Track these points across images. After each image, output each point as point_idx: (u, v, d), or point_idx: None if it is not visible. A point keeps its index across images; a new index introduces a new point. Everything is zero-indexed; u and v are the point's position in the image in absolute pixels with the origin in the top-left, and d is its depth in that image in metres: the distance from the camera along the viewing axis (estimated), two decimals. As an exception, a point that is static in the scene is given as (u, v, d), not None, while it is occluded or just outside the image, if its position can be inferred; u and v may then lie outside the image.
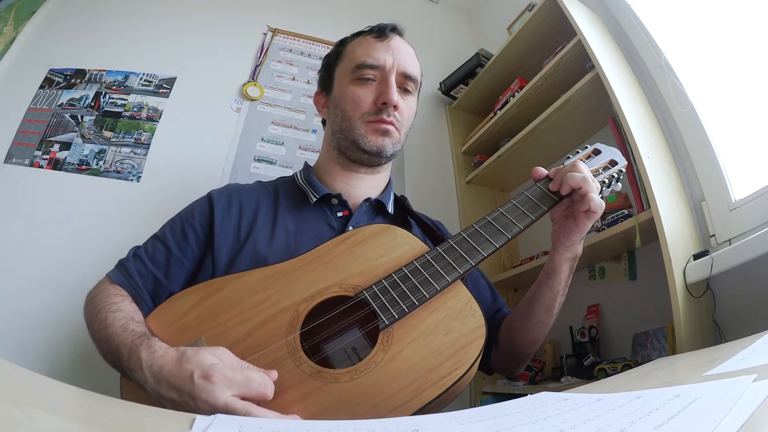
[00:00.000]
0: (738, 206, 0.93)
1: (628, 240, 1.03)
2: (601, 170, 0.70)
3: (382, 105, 0.73)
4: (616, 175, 0.70)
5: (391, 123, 0.74)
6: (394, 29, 0.81)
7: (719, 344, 0.76)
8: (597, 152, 0.73)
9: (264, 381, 0.42)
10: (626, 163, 0.72)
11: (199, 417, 0.27)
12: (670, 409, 0.27)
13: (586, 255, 1.23)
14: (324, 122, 0.86)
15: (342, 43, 0.83)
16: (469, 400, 1.40)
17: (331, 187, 0.77)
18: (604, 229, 1.07)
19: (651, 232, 0.89)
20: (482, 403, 1.30)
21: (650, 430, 0.24)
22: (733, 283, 0.83)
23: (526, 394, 0.42)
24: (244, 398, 0.41)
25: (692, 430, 0.24)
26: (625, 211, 1.04)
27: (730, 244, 0.90)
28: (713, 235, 0.96)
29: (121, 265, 0.67)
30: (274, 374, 0.45)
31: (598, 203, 0.59)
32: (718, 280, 0.82)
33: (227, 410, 0.39)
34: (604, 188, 0.69)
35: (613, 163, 0.71)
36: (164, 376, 0.43)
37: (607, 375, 0.99)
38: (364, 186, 0.78)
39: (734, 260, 0.77)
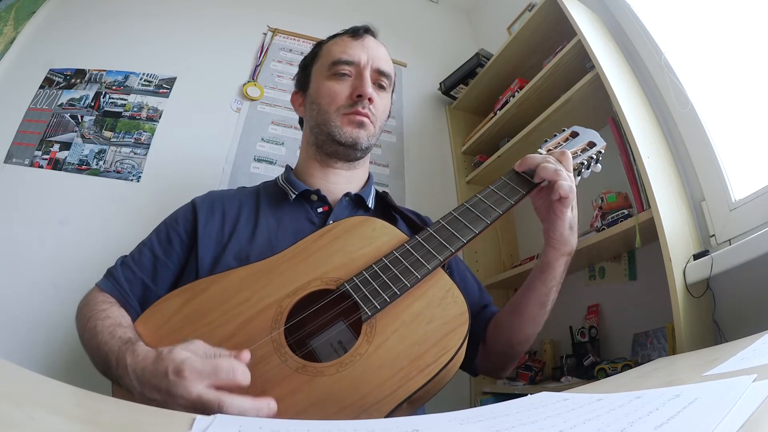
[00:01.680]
0: (738, 206, 0.93)
1: (628, 240, 1.03)
2: (579, 152, 0.70)
3: (357, 98, 0.75)
4: (595, 156, 0.70)
5: (365, 115, 0.76)
6: (368, 30, 0.84)
7: (719, 344, 0.76)
8: (575, 135, 0.73)
9: (232, 368, 0.42)
10: (605, 144, 0.72)
11: (199, 417, 0.27)
12: (670, 409, 0.27)
13: (586, 255, 1.24)
14: (301, 122, 0.88)
15: (318, 45, 0.87)
16: (469, 400, 1.40)
17: (310, 184, 0.79)
18: (604, 229, 1.07)
19: (651, 232, 0.89)
20: (482, 403, 1.30)
21: (650, 430, 0.24)
22: (733, 283, 0.83)
23: (526, 394, 0.42)
24: (218, 387, 0.41)
25: (692, 430, 0.24)
26: (625, 211, 1.04)
27: (730, 244, 0.90)
28: (713, 235, 0.96)
29: (110, 273, 0.68)
30: (245, 356, 0.44)
31: (567, 188, 0.59)
32: (718, 280, 0.82)
33: (201, 402, 0.39)
34: (583, 169, 0.69)
35: (592, 144, 0.71)
36: (146, 378, 0.43)
37: (607, 375, 0.99)
38: (342, 182, 0.80)
39: (734, 260, 0.77)
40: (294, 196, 0.76)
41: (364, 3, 1.89)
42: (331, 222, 0.70)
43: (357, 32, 0.82)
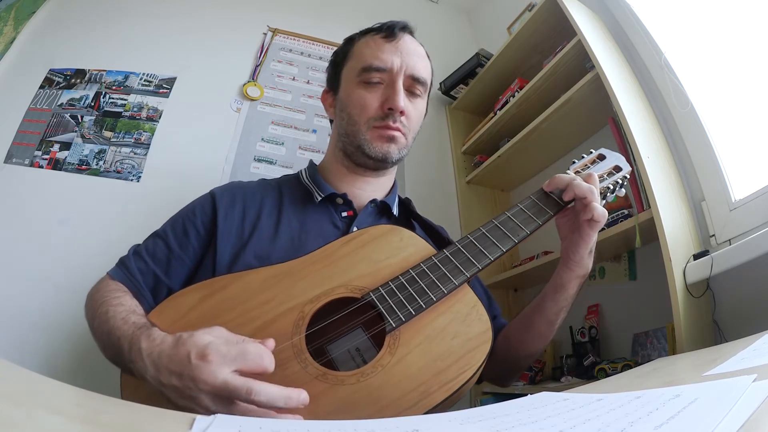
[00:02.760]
0: (738, 206, 0.93)
1: (628, 240, 1.03)
2: (605, 176, 0.70)
3: (389, 110, 0.71)
4: (620, 181, 0.70)
5: (397, 129, 0.72)
6: (404, 28, 0.77)
7: (719, 344, 0.76)
8: (602, 157, 0.73)
9: (259, 352, 0.41)
10: (630, 169, 0.72)
11: (199, 417, 0.27)
12: (670, 409, 0.27)
13: (586, 255, 1.23)
14: (332, 121, 0.84)
15: (350, 41, 0.81)
16: (469, 400, 1.40)
17: (336, 187, 0.76)
18: (604, 229, 1.06)
19: (651, 232, 0.89)
20: (482, 403, 1.30)
21: (650, 430, 0.24)
22: (733, 283, 0.83)
23: (526, 394, 0.42)
24: (243, 373, 0.40)
25: (692, 430, 0.24)
26: (625, 211, 1.04)
27: (730, 244, 0.90)
28: (713, 235, 0.96)
29: (122, 263, 0.66)
30: (271, 343, 0.44)
31: (600, 212, 0.59)
32: (718, 280, 0.82)
33: (227, 387, 0.38)
34: (608, 194, 0.69)
35: (618, 168, 0.71)
36: (163, 362, 0.42)
37: (607, 375, 0.99)
38: (369, 188, 0.78)
39: (734, 260, 0.77)
40: (320, 198, 0.74)
41: (364, 3, 1.89)
42: (355, 228, 0.70)
43: (392, 32, 0.75)
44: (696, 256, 0.85)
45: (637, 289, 1.14)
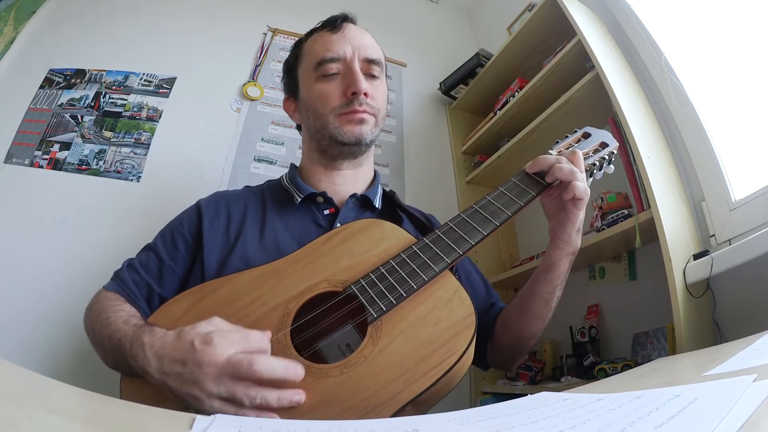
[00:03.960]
0: (738, 206, 0.93)
1: (628, 240, 1.03)
2: (591, 153, 0.69)
3: (352, 95, 0.72)
4: (607, 157, 0.69)
5: (364, 111, 0.73)
6: (346, 18, 0.79)
7: (719, 344, 0.76)
8: (587, 135, 0.72)
9: (261, 336, 0.45)
10: (617, 144, 0.71)
11: (199, 417, 0.27)
12: (670, 409, 0.27)
13: (586, 255, 1.24)
14: (299, 127, 0.86)
15: (298, 45, 0.83)
16: (469, 400, 1.40)
17: (315, 186, 0.77)
18: (604, 229, 1.07)
19: (651, 232, 0.89)
20: (482, 403, 1.30)
21: (650, 430, 0.24)
22: (733, 283, 0.83)
23: (526, 394, 0.42)
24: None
25: (692, 430, 0.24)
26: (625, 211, 1.04)
27: (730, 244, 0.90)
28: (713, 235, 0.96)
29: (117, 276, 0.68)
30: (268, 334, 0.47)
31: (582, 190, 0.58)
32: (718, 280, 0.82)
33: (230, 363, 0.40)
34: (595, 170, 0.69)
35: (604, 145, 0.70)
36: (167, 352, 0.43)
37: (607, 375, 0.99)
38: (348, 183, 0.79)
39: (734, 260, 0.77)
40: (300, 199, 0.75)
41: (364, 3, 1.89)
42: (338, 224, 0.71)
43: (335, 24, 0.77)
44: (696, 256, 0.85)
45: (637, 289, 1.14)
